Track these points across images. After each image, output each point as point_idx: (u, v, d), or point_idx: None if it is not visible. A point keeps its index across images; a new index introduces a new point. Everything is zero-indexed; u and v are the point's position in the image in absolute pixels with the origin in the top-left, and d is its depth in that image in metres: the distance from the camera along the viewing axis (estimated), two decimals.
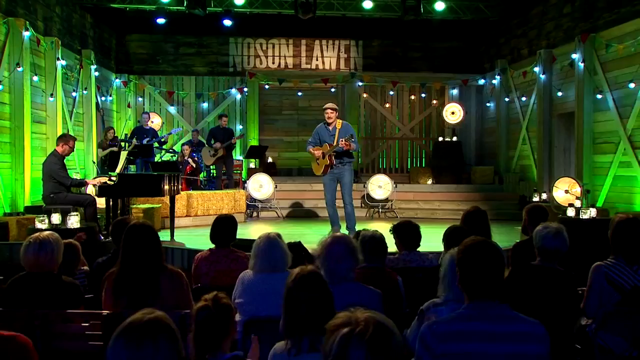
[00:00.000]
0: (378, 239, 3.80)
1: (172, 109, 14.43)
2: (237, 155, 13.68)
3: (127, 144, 10.25)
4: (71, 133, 10.92)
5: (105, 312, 3.34)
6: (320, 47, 14.76)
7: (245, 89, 13.95)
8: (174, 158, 12.21)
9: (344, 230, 8.17)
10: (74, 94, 11.04)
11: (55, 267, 3.60)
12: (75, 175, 10.05)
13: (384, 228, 4.51)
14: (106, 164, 10.96)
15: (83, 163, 11.53)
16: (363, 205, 11.94)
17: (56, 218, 6.28)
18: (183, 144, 11.88)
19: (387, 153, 14.58)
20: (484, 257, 2.33)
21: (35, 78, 9.28)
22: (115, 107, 13.86)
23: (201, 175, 12.69)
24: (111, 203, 7.77)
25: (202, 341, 2.38)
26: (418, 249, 4.49)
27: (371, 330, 1.48)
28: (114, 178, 7.53)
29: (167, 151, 12.55)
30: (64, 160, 7.92)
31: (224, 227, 4.54)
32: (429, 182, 12.97)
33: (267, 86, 14.10)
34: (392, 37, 14.88)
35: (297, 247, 4.27)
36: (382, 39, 14.93)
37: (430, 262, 4.34)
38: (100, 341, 3.25)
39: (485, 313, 2.28)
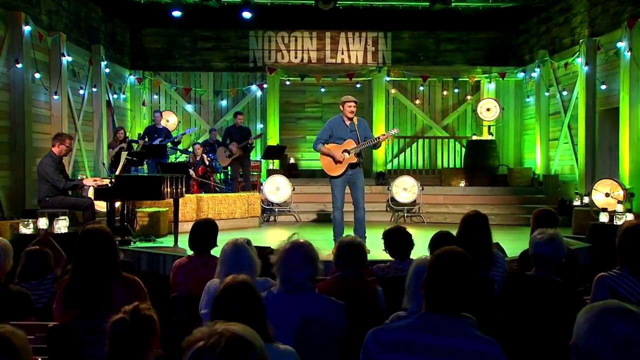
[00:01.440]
0: (356, 245, 3.64)
1: (189, 107, 14.34)
2: (257, 156, 13.49)
3: (137, 144, 10.15)
4: (79, 133, 10.94)
5: (51, 323, 3.24)
6: (345, 40, 14.45)
7: (265, 86, 13.73)
8: (187, 159, 12.09)
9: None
10: (81, 91, 11.00)
11: (0, 275, 3.44)
12: (80, 176, 9.99)
13: None
14: (115, 165, 10.87)
15: (93, 164, 11.51)
16: (388, 209, 11.60)
17: (43, 222, 6.14)
18: (194, 144, 11.72)
19: (417, 153, 14.16)
20: (448, 268, 2.28)
21: (37, 75, 9.22)
22: (130, 105, 13.84)
23: (217, 176, 12.53)
24: (117, 206, 7.69)
25: (116, 357, 2.31)
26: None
27: (223, 344, 1.42)
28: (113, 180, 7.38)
29: (182, 152, 12.44)
30: (62, 161, 7.83)
31: (202, 232, 4.50)
32: (462, 184, 12.50)
33: (287, 82, 13.86)
34: (424, 28, 14.48)
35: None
36: (412, 30, 14.54)
37: None
38: (45, 355, 3.09)
39: (436, 325, 2.21)
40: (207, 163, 10.91)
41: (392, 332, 2.24)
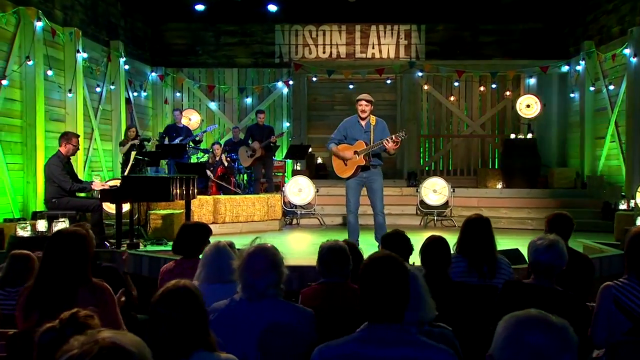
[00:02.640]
0: (338, 250, 3.59)
1: (213, 105, 14.32)
2: (282, 155, 13.39)
3: (149, 143, 10.14)
4: (96, 132, 11.01)
5: (12, 331, 3.18)
6: (376, 34, 14.21)
7: (291, 82, 13.60)
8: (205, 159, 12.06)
9: (372, 242, 7.61)
10: (98, 89, 11.06)
11: None
12: (95, 178, 10.02)
13: None
14: (126, 165, 10.90)
15: (111, 164, 11.57)
16: (418, 212, 11.33)
17: (42, 225, 6.14)
18: (214, 143, 11.66)
19: (453, 153, 13.83)
20: (381, 275, 2.27)
21: (49, 72, 9.28)
22: (151, 103, 13.89)
23: (240, 177, 12.46)
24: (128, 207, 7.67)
25: None
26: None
27: (95, 352, 1.39)
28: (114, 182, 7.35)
29: (204, 151, 12.40)
30: (69, 161, 7.85)
31: (190, 235, 4.45)
32: (499, 186, 12.15)
33: (314, 78, 13.71)
34: (460, 20, 14.13)
35: None
36: (447, 23, 14.21)
37: None
38: None
39: (380, 337, 2.21)
40: (225, 164, 10.82)
41: (337, 348, 2.25)
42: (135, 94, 12.89)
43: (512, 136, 12.98)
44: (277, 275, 2.90)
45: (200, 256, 4.37)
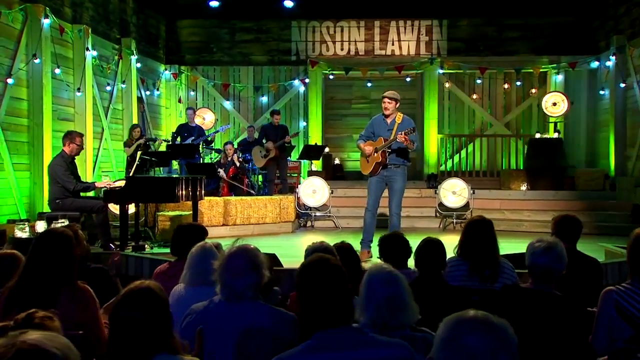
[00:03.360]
0: (327, 252, 3.53)
1: (228, 104, 14.33)
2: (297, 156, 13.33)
3: (156, 143, 10.16)
4: (107, 132, 11.06)
5: None
6: (396, 30, 14.09)
7: (307, 80, 13.54)
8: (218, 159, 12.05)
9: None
10: (108, 87, 11.11)
11: None
12: (104, 178, 10.07)
13: (454, 241, 4.32)
14: (131, 166, 10.93)
15: (122, 165, 11.61)
16: (437, 214, 11.18)
17: (41, 225, 6.16)
18: (226, 143, 11.65)
19: (475, 153, 13.63)
20: (315, 280, 2.29)
21: (57, 70, 9.34)
22: (165, 102, 13.95)
23: (255, 178, 12.43)
24: (134, 209, 7.67)
25: None
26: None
27: (11, 355, 1.38)
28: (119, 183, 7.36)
29: (217, 151, 12.40)
30: (73, 161, 7.88)
31: (185, 236, 4.43)
32: (523, 187, 11.93)
33: (331, 76, 13.64)
34: (484, 15, 13.96)
35: (272, 260, 3.93)
36: (471, 17, 14.03)
37: None
38: None
39: (333, 341, 2.22)
40: (237, 164, 10.79)
41: (291, 358, 2.25)
42: (148, 92, 12.94)
43: (537, 135, 12.74)
44: (257, 276, 2.88)
45: None
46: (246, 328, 2.75)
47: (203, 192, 8.30)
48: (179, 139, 11.69)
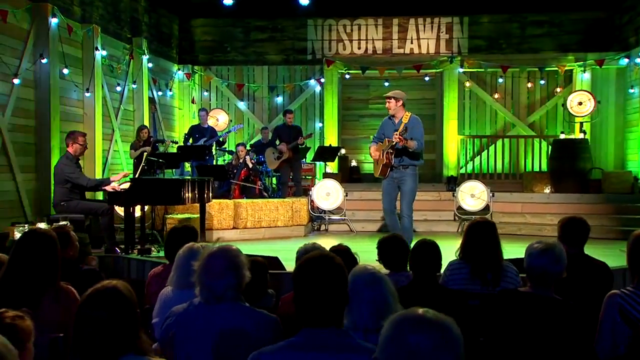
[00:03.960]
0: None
1: (242, 105, 14.35)
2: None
3: (163, 144, 10.19)
4: (117, 133, 11.12)
5: None
6: (415, 27, 13.98)
7: (323, 80, 13.50)
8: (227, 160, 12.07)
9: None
10: (118, 88, 11.17)
11: None
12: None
13: None
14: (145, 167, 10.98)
15: (132, 167, 11.67)
16: (456, 218, 11.06)
17: (41, 227, 6.15)
18: (238, 144, 11.65)
19: (497, 155, 13.46)
20: (314, 276, 2.29)
21: (65, 70, 9.41)
22: (178, 103, 14.00)
23: (268, 180, 12.42)
24: (142, 211, 7.68)
25: None
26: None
27: None
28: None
29: (230, 153, 12.42)
30: (79, 162, 7.94)
31: (178, 239, 4.44)
32: (546, 190, 11.74)
33: (347, 75, 13.58)
34: (507, 11, 13.80)
35: (260, 267, 3.95)
36: (493, 14, 13.87)
37: None
38: None
39: (317, 341, 2.22)
40: (249, 166, 10.78)
41: (271, 355, 2.27)
42: (160, 93, 13.00)
43: (562, 136, 12.55)
44: (237, 278, 2.88)
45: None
46: (225, 330, 2.76)
47: (211, 194, 8.30)
48: (191, 140, 11.73)
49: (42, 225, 6.21)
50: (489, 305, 3.40)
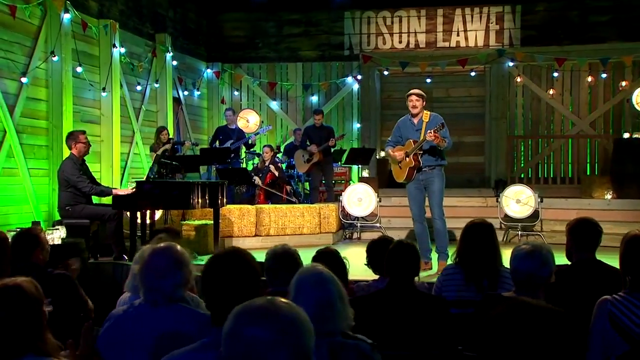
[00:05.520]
0: (282, 255, 3.78)
1: (275, 105, 14.39)
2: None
3: (187, 146, 10.27)
4: (138, 135, 11.28)
5: None
6: (462, 18, 13.77)
7: (359, 77, 13.41)
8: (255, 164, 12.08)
9: (433, 253, 7.75)
10: (138, 87, 11.34)
11: None
12: (131, 184, 10.27)
13: None
14: (162, 170, 11.08)
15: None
16: (502, 226, 10.78)
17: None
18: (265, 146, 11.66)
19: (554, 157, 13.09)
20: (221, 273, 2.40)
21: (78, 69, 9.59)
22: (206, 103, 14.13)
23: (301, 186, 12.40)
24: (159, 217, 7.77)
25: None
26: None
27: None
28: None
29: (259, 155, 12.44)
30: (84, 163, 8.07)
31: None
32: (607, 196, 11.36)
33: (386, 72, 13.46)
34: None
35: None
36: (549, 1, 13.54)
37: None
38: None
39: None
40: (272, 169, 10.77)
41: (181, 356, 2.31)
42: (186, 93, 13.14)
43: (626, 136, 12.12)
44: (183, 275, 2.91)
45: None
46: (165, 334, 2.77)
47: (225, 199, 8.32)
48: (217, 143, 11.81)
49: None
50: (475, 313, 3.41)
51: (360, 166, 12.45)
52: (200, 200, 7.65)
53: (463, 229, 4.23)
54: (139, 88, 11.39)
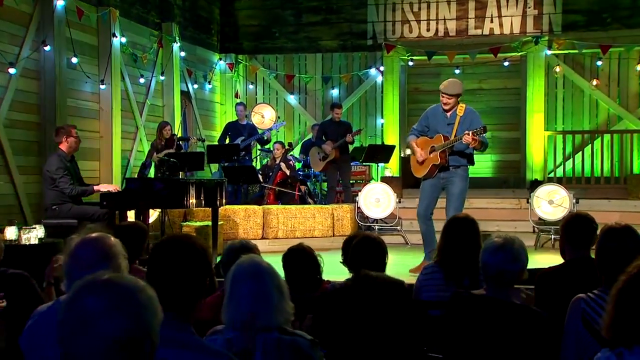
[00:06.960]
0: (246, 250, 3.72)
1: (292, 99, 14.28)
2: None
3: (192, 143, 10.20)
4: (142, 131, 11.26)
5: None
6: (496, 3, 13.44)
7: (382, 68, 13.22)
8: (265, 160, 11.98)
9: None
10: (142, 80, 11.30)
11: None
12: None
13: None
14: (161, 170, 11.01)
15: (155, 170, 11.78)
16: (535, 229, 10.47)
17: (12, 232, 6.21)
18: (276, 142, 11.54)
19: (597, 155, 12.71)
20: (164, 258, 2.45)
21: (73, 60, 9.58)
22: (219, 97, 14.07)
23: (319, 185, 12.26)
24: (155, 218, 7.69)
25: None
26: None
27: None
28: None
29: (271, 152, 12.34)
30: (74, 159, 8.02)
31: (125, 239, 4.28)
32: None
33: (411, 62, 13.24)
34: None
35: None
36: None
37: None
38: None
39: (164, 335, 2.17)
40: (283, 167, 10.65)
41: None
42: (196, 86, 13.09)
43: None
44: (112, 266, 2.85)
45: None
46: None
47: (224, 200, 8.23)
48: (227, 139, 11.73)
49: (10, 230, 6.22)
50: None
51: (378, 165, 12.25)
52: (195, 199, 7.56)
53: (444, 225, 4.22)
54: (142, 81, 11.37)
